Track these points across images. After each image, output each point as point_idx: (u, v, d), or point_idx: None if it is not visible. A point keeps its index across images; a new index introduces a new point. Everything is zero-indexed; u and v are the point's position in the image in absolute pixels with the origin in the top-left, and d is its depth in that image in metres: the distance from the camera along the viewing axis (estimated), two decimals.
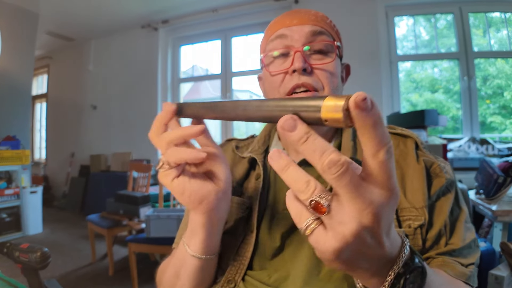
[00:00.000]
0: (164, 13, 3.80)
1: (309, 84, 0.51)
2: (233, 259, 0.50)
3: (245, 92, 9.44)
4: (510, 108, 2.97)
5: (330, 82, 0.52)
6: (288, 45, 0.54)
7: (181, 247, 0.46)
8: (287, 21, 0.55)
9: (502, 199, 1.59)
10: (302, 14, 0.56)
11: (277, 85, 0.54)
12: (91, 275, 2.35)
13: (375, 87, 2.88)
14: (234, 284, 0.49)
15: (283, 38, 0.54)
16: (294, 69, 0.51)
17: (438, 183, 0.49)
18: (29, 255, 0.85)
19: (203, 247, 0.43)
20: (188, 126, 0.38)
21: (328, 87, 0.52)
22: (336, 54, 0.55)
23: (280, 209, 0.53)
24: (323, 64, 0.53)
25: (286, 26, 0.55)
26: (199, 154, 0.36)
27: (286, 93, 0.53)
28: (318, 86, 0.52)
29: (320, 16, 0.56)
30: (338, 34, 0.59)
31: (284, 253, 0.49)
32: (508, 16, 2.88)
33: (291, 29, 0.54)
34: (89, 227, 2.53)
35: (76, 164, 4.80)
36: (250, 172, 0.59)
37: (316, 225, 0.25)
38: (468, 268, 0.46)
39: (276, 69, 0.55)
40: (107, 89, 4.49)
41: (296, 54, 0.52)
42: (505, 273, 1.29)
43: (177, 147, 0.37)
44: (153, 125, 0.39)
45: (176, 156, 0.36)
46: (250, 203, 0.54)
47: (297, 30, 0.54)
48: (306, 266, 0.46)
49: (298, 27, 0.54)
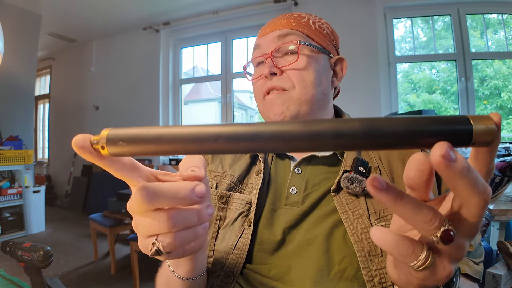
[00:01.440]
0: (165, 15, 3.83)
1: (277, 86, 0.55)
2: (232, 253, 0.50)
3: (245, 92, 9.46)
4: (507, 109, 2.99)
5: (301, 80, 0.54)
6: (263, 53, 0.58)
7: (167, 268, 0.42)
8: (262, 31, 0.60)
9: (499, 199, 1.60)
10: (276, 20, 0.60)
11: (258, 91, 0.59)
12: (93, 273, 2.36)
13: (373, 87, 2.90)
14: (232, 278, 0.49)
15: (258, 48, 0.59)
16: (264, 75, 0.56)
17: None
18: (32, 254, 0.85)
19: (191, 272, 0.40)
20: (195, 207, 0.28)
21: (300, 85, 0.54)
22: (314, 51, 0.56)
23: (282, 205, 0.53)
24: (289, 64, 0.55)
25: (261, 35, 0.60)
26: (201, 230, 0.29)
27: (263, 96, 0.57)
28: (287, 85, 0.55)
29: (293, 18, 0.58)
30: (322, 30, 0.59)
31: (286, 248, 0.49)
32: (506, 17, 2.89)
33: (264, 37, 0.59)
34: (91, 226, 2.54)
35: (79, 164, 4.83)
36: (251, 168, 0.59)
37: (432, 256, 0.23)
38: (479, 265, 0.47)
39: (254, 77, 0.60)
40: (109, 89, 4.52)
41: (267, 60, 0.56)
42: (502, 272, 1.30)
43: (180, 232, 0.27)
44: None
45: (180, 244, 0.27)
46: (249, 199, 0.54)
47: (268, 38, 0.58)
48: (316, 266, 0.46)
49: (269, 34, 0.58)
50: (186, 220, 0.27)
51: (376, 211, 0.49)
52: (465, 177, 0.20)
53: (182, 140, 0.23)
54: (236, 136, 0.22)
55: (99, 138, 0.25)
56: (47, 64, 5.36)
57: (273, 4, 3.30)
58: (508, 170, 1.67)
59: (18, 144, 3.41)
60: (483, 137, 0.21)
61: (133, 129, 0.24)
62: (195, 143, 0.23)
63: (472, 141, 0.21)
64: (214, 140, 0.22)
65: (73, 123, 4.91)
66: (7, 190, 3.17)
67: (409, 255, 0.23)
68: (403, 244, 0.23)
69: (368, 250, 0.45)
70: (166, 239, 0.27)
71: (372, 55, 2.91)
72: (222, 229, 0.55)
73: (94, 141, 0.25)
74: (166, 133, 0.23)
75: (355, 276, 0.45)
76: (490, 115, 0.21)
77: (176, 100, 4.17)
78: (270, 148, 0.22)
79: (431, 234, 0.22)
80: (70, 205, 4.66)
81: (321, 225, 0.49)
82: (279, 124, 0.22)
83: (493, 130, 0.21)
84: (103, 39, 4.55)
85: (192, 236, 0.28)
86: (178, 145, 0.23)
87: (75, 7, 3.62)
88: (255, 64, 0.61)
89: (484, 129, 0.21)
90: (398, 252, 0.23)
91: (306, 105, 0.55)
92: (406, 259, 0.23)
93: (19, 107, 3.67)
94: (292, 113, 0.55)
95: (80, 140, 0.25)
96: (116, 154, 0.24)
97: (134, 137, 0.24)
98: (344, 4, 3.00)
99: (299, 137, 0.21)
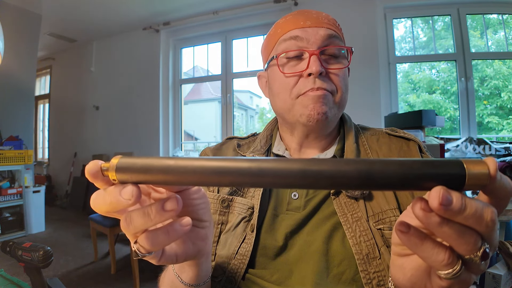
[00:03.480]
0: (165, 15, 3.83)
1: (324, 88, 0.52)
2: (234, 259, 0.50)
3: (245, 92, 9.45)
4: (507, 109, 2.99)
5: (343, 86, 0.54)
6: (302, 47, 0.53)
7: (171, 273, 0.42)
8: (300, 22, 0.54)
9: None
10: (315, 16, 0.55)
11: (289, 87, 0.53)
12: (93, 273, 2.36)
13: (374, 88, 2.90)
14: (234, 283, 0.49)
15: (297, 40, 0.53)
16: (310, 72, 0.51)
17: None
18: (32, 254, 0.86)
19: (195, 278, 0.40)
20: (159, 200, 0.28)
21: (341, 90, 0.53)
22: (347, 59, 0.56)
23: (284, 210, 0.53)
24: (338, 69, 0.53)
25: (299, 27, 0.53)
26: (181, 228, 0.29)
27: (300, 95, 0.53)
28: (332, 89, 0.53)
29: (331, 20, 0.56)
30: (343, 35, 0.59)
31: (288, 253, 0.49)
32: (506, 17, 2.89)
33: (305, 30, 0.53)
34: (91, 226, 2.55)
35: (79, 164, 4.83)
36: None
37: (462, 267, 0.24)
38: None
39: (290, 71, 0.54)
40: (109, 90, 4.52)
41: (312, 57, 0.51)
42: (502, 272, 1.30)
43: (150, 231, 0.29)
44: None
45: (153, 244, 0.28)
46: (251, 204, 0.54)
47: (312, 33, 0.52)
48: (316, 268, 0.46)
49: (312, 29, 0.53)
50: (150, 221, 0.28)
51: (375, 214, 0.49)
52: (464, 212, 0.22)
53: (187, 173, 0.24)
54: (239, 172, 0.23)
55: (109, 165, 0.26)
56: (47, 64, 5.36)
57: (273, 4, 3.30)
58: (508, 170, 1.68)
59: (18, 144, 3.42)
60: (476, 180, 0.22)
61: (141, 160, 0.26)
62: (200, 176, 0.24)
63: (465, 184, 0.22)
64: (219, 174, 0.24)
65: (73, 123, 4.91)
66: (7, 190, 3.17)
67: (448, 264, 0.24)
68: (443, 252, 0.24)
69: (366, 253, 0.45)
70: (141, 240, 0.29)
71: (372, 55, 2.91)
72: (224, 234, 0.54)
73: (104, 168, 0.26)
74: (173, 166, 0.25)
75: (353, 279, 0.45)
76: (484, 160, 0.22)
77: (176, 100, 4.17)
78: (269, 185, 0.24)
79: (471, 254, 0.24)
80: (70, 205, 4.66)
81: (321, 228, 0.49)
82: (281, 161, 0.23)
83: (486, 174, 0.22)
84: (103, 39, 4.55)
85: (166, 237, 0.29)
86: (183, 177, 0.25)
87: (75, 7, 3.62)
88: (289, 56, 0.54)
89: (476, 173, 0.22)
90: (435, 260, 0.24)
91: (341, 110, 0.56)
92: (443, 267, 0.24)
93: (19, 107, 3.68)
94: (331, 116, 0.53)
95: (92, 169, 0.26)
96: (124, 182, 0.26)
97: (142, 168, 0.25)
98: (344, 4, 3.00)
99: (297, 176, 0.23)
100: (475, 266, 0.24)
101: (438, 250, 0.24)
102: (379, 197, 0.50)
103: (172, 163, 0.25)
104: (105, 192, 0.27)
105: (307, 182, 0.23)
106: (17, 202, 3.25)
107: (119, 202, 0.26)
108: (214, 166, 0.24)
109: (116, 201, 0.26)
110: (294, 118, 0.54)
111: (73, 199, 4.67)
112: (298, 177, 0.23)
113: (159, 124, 4.02)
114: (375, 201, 0.50)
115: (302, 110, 0.52)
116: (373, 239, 0.46)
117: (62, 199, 4.94)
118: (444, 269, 0.24)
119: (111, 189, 0.27)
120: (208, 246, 0.38)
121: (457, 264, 0.24)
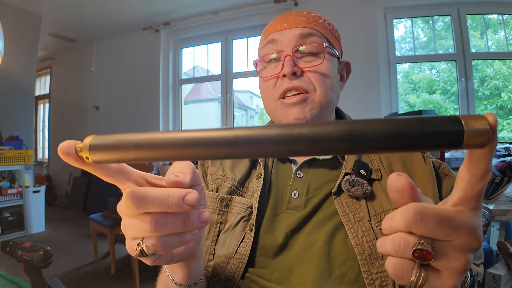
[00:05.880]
0: (166, 15, 3.83)
1: (299, 87, 0.52)
2: (233, 258, 0.50)
3: (245, 92, 9.45)
4: (507, 109, 2.99)
5: (322, 83, 0.53)
6: (279, 50, 0.55)
7: (165, 273, 0.41)
8: (277, 25, 0.56)
9: (499, 199, 1.61)
10: (293, 16, 0.56)
11: (270, 89, 0.56)
12: (93, 273, 2.37)
13: (374, 88, 2.90)
14: (233, 282, 0.49)
15: (274, 43, 0.55)
16: (283, 73, 0.52)
17: (449, 182, 0.50)
18: (32, 253, 0.86)
19: (186, 278, 0.39)
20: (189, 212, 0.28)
21: (321, 88, 0.53)
22: (332, 54, 0.56)
23: (284, 209, 0.53)
24: (313, 67, 0.53)
25: (277, 30, 0.56)
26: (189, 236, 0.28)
27: (278, 97, 0.54)
28: (309, 88, 0.53)
29: (311, 17, 0.56)
30: (334, 32, 0.58)
31: (288, 252, 0.49)
32: (506, 18, 2.89)
33: (282, 33, 0.55)
34: (91, 226, 2.55)
35: None
36: (252, 171, 0.58)
37: (425, 272, 0.23)
38: (479, 267, 0.48)
39: (268, 74, 0.56)
40: (109, 90, 4.52)
41: (286, 58, 0.52)
42: (502, 272, 1.31)
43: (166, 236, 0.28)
44: None
45: (163, 247, 0.27)
46: (250, 203, 0.54)
47: (287, 34, 0.54)
48: (317, 269, 0.46)
49: (288, 30, 0.54)
50: (170, 224, 0.27)
51: (377, 214, 0.48)
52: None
53: (160, 147, 0.23)
54: (213, 141, 0.21)
55: (82, 145, 0.24)
56: (47, 64, 5.36)
57: (273, 4, 3.31)
58: (508, 170, 1.67)
59: (18, 144, 3.42)
60: (476, 139, 0.19)
61: (114, 136, 0.24)
62: (173, 149, 0.22)
63: (463, 143, 0.20)
64: (192, 146, 0.22)
65: (73, 123, 4.91)
66: (7, 190, 3.17)
67: (400, 277, 0.23)
68: (398, 265, 0.24)
69: (369, 253, 0.45)
70: (150, 240, 0.27)
71: (372, 55, 2.91)
72: (223, 233, 0.54)
73: (78, 149, 0.25)
74: (145, 139, 0.23)
75: (356, 280, 0.45)
76: (485, 115, 0.20)
77: (176, 100, 4.17)
78: (246, 154, 0.22)
79: (408, 255, 0.23)
80: (70, 205, 4.66)
81: (323, 228, 0.49)
82: (258, 128, 0.21)
83: (487, 130, 0.19)
84: (103, 39, 4.55)
85: (178, 241, 0.28)
86: (156, 152, 0.23)
87: (75, 7, 3.62)
88: (266, 60, 0.57)
89: (476, 130, 0.19)
90: (391, 275, 0.24)
91: (325, 109, 0.54)
92: (400, 281, 0.24)
93: (19, 107, 3.68)
94: (312, 117, 0.53)
95: (65, 147, 0.24)
96: (100, 162, 0.24)
97: (114, 145, 0.24)
98: (344, 4, 3.00)
99: (275, 142, 0.21)
100: (434, 267, 0.24)
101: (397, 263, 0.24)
102: (381, 197, 0.50)
103: (144, 136, 0.23)
104: (167, 193, 0.26)
105: (285, 149, 0.21)
106: (17, 202, 3.25)
107: (181, 207, 0.26)
108: (187, 137, 0.22)
109: (177, 205, 0.26)
110: (280, 122, 0.55)
111: (73, 199, 4.67)
112: (275, 143, 0.21)
113: (159, 124, 4.02)
114: (377, 201, 0.50)
115: (282, 116, 0.54)
116: (375, 239, 0.46)
117: (62, 199, 4.94)
118: (403, 282, 0.24)
119: (174, 192, 0.26)
120: (200, 248, 0.37)
121: (412, 273, 0.23)
